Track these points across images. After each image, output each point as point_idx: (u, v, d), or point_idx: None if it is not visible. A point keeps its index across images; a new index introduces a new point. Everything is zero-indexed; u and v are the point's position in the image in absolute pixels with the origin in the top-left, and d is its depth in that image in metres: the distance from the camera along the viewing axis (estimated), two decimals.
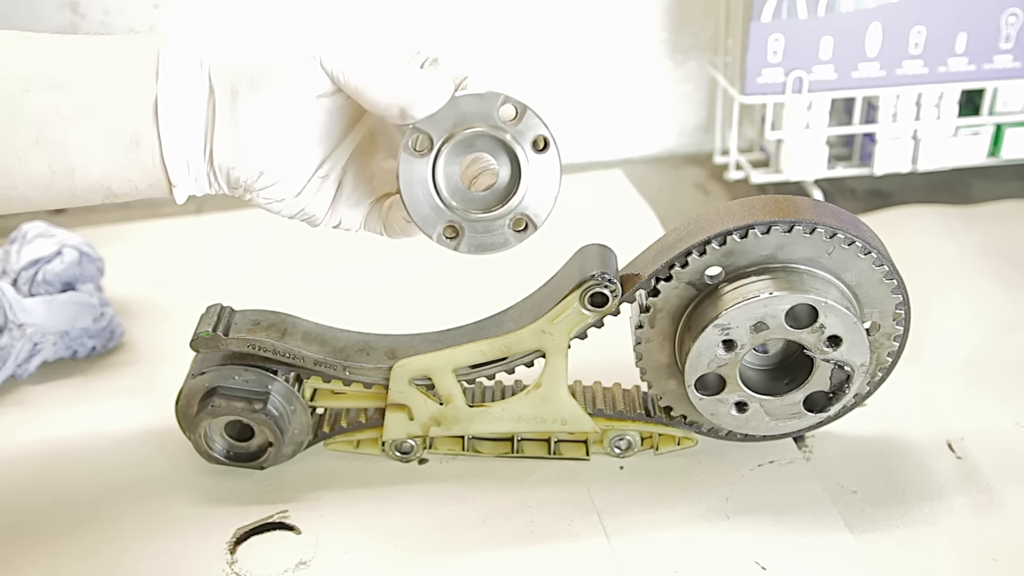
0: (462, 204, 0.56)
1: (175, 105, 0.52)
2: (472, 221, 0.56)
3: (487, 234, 0.57)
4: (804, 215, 0.61)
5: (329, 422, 0.72)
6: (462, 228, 0.57)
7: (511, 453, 0.71)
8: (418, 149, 0.55)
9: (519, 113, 0.54)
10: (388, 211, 0.60)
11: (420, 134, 0.54)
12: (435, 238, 0.57)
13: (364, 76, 0.52)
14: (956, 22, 1.00)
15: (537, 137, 0.55)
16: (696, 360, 0.62)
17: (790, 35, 0.99)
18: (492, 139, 0.55)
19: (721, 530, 0.64)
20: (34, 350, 0.80)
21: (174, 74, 0.52)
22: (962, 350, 0.81)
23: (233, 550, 0.64)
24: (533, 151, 0.55)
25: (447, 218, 0.56)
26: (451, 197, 0.56)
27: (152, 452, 0.72)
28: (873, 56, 1.01)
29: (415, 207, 0.56)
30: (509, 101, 0.54)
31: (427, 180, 0.55)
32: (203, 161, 0.54)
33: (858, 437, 0.72)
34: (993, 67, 1.02)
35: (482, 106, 0.54)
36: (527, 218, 0.57)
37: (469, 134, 0.55)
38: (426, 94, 0.53)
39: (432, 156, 0.55)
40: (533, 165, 0.55)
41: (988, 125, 1.07)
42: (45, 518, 0.67)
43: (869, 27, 0.99)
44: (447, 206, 0.56)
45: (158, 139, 0.53)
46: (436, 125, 0.54)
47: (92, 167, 0.53)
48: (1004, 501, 0.66)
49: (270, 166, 0.55)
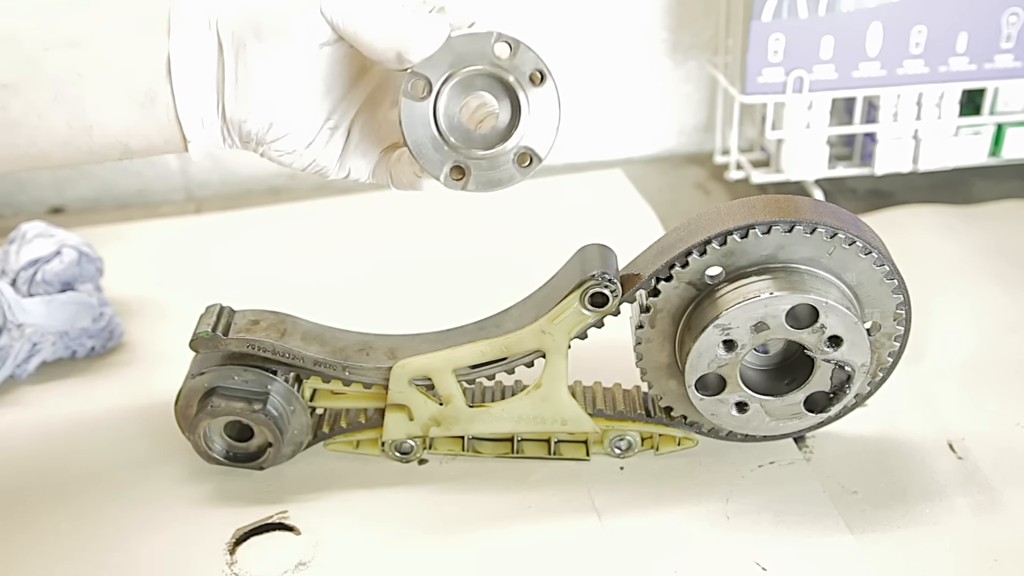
0: (465, 143, 0.57)
1: (187, 61, 0.54)
2: (477, 159, 0.57)
3: (493, 171, 0.57)
4: (805, 215, 0.61)
5: (329, 422, 0.72)
6: (468, 167, 0.57)
7: (511, 453, 0.71)
8: (417, 93, 0.55)
9: (514, 49, 0.55)
10: (396, 163, 0.61)
11: (418, 78, 0.55)
12: (442, 179, 0.57)
13: (360, 21, 0.53)
14: (957, 21, 0.99)
15: (533, 72, 0.56)
16: (696, 360, 0.62)
17: (791, 34, 0.99)
18: (490, 77, 0.56)
19: (721, 530, 0.64)
20: (33, 350, 0.80)
21: (184, 30, 0.53)
22: (963, 350, 0.81)
23: (232, 551, 0.64)
24: (531, 85, 0.56)
25: (452, 158, 0.57)
26: (454, 137, 0.56)
27: (151, 452, 0.72)
28: (874, 56, 1.01)
29: (420, 150, 0.56)
30: (502, 38, 0.55)
31: (429, 122, 0.56)
32: (216, 116, 0.56)
33: (859, 437, 0.72)
34: (994, 67, 1.02)
35: (477, 45, 0.55)
36: (531, 152, 0.57)
37: (466, 73, 0.55)
38: (420, 37, 0.54)
39: (432, 98, 0.55)
40: (532, 99, 0.56)
41: (989, 125, 1.07)
42: (44, 518, 0.67)
43: (870, 26, 0.99)
44: (451, 147, 0.56)
45: (172, 95, 0.54)
46: (433, 68, 0.55)
47: (109, 123, 0.54)
48: (1005, 501, 0.66)
49: (279, 118, 0.56)
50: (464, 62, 0.55)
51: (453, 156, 0.57)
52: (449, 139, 0.56)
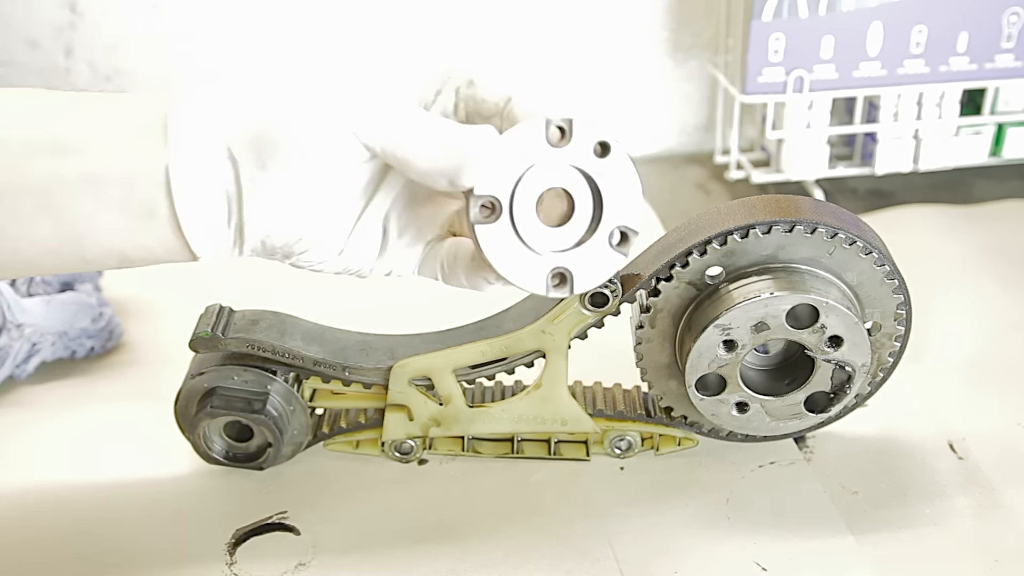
0: (555, 246, 0.53)
1: (189, 174, 0.49)
2: (573, 258, 0.53)
3: (594, 263, 0.53)
4: (805, 215, 0.61)
5: (328, 422, 0.71)
6: (567, 271, 0.53)
7: (511, 454, 0.71)
8: (487, 215, 0.51)
9: (567, 130, 0.51)
10: (451, 260, 0.56)
11: (483, 199, 0.51)
12: (548, 293, 0.53)
13: (404, 147, 0.49)
14: (957, 21, 0.99)
15: (596, 145, 0.51)
16: (697, 360, 0.62)
17: (791, 34, 0.99)
18: (554, 167, 0.51)
19: (722, 531, 0.64)
20: (32, 350, 0.80)
21: (186, 141, 0.49)
22: (964, 350, 0.80)
23: (232, 551, 0.64)
24: (597, 158, 0.51)
25: (548, 267, 0.53)
26: (542, 245, 0.52)
27: (150, 453, 0.72)
28: (874, 55, 1.01)
29: (513, 273, 0.52)
30: (553, 124, 0.50)
31: (512, 241, 0.52)
32: (228, 229, 0.51)
33: (859, 438, 0.71)
34: (995, 66, 1.01)
35: (530, 141, 0.51)
36: (625, 229, 0.53)
37: (532, 178, 0.51)
38: (470, 156, 0.49)
39: (507, 214, 0.51)
40: (604, 173, 0.52)
41: (990, 125, 1.07)
42: (42, 519, 0.67)
43: (870, 26, 0.99)
44: (542, 255, 0.52)
45: (172, 209, 0.49)
46: (494, 182, 0.51)
47: (101, 235, 0.50)
48: (1006, 502, 0.65)
49: (308, 231, 0.52)
50: (525, 163, 0.51)
51: (549, 264, 0.53)
52: (538, 250, 0.52)
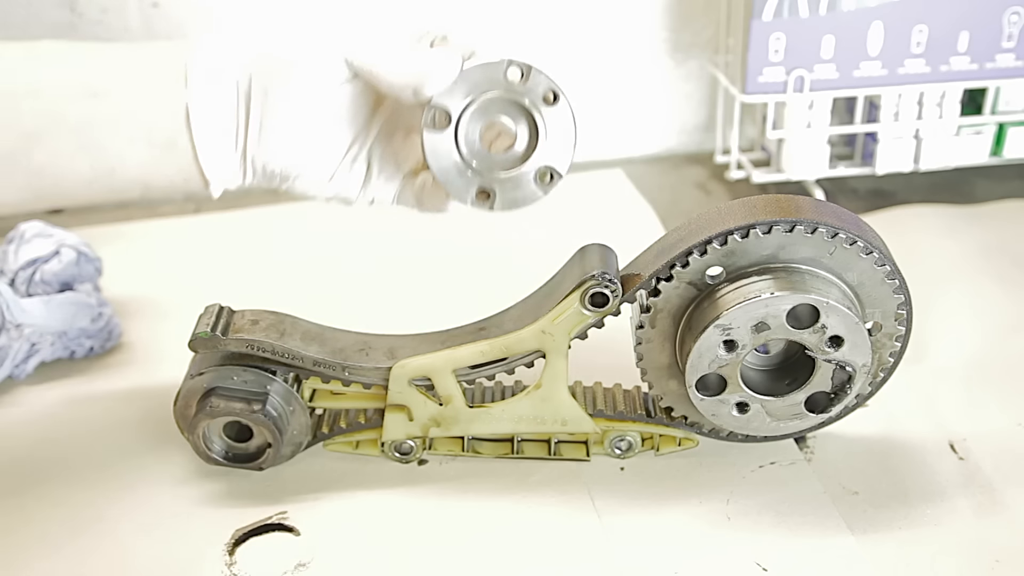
0: (488, 167, 0.60)
1: (205, 110, 0.57)
2: (500, 181, 0.61)
3: (516, 190, 0.61)
4: (806, 215, 0.61)
5: (328, 423, 0.71)
6: (492, 189, 0.61)
7: (511, 454, 0.70)
8: (438, 124, 0.59)
9: (525, 73, 0.58)
10: (420, 188, 0.64)
11: (437, 110, 0.58)
12: (469, 203, 0.61)
13: (378, 61, 0.57)
14: (958, 21, 0.99)
15: (547, 92, 0.59)
16: (697, 360, 0.62)
17: (791, 34, 0.99)
18: (505, 102, 0.59)
19: (722, 531, 0.64)
20: (32, 350, 0.80)
21: (201, 80, 0.57)
22: (964, 350, 0.80)
23: (232, 551, 0.64)
24: (545, 105, 0.59)
25: (477, 182, 0.60)
26: (477, 162, 0.60)
27: (150, 453, 0.72)
28: (875, 55, 1.00)
29: (445, 177, 0.60)
30: (514, 64, 0.58)
31: (452, 151, 0.59)
32: (236, 157, 0.59)
33: (860, 438, 0.71)
34: (995, 66, 1.01)
35: (490, 73, 0.58)
36: (551, 169, 0.61)
37: (483, 101, 0.59)
38: (435, 72, 0.57)
39: (452, 128, 0.59)
40: (548, 118, 0.60)
41: (990, 124, 1.06)
42: (42, 519, 0.67)
43: (871, 26, 0.99)
44: (474, 171, 0.60)
45: (191, 141, 0.57)
46: (451, 98, 0.58)
47: (130, 167, 0.58)
48: (1006, 502, 0.65)
49: (302, 156, 0.59)
50: (480, 90, 0.59)
51: (478, 180, 0.61)
52: (472, 164, 0.60)
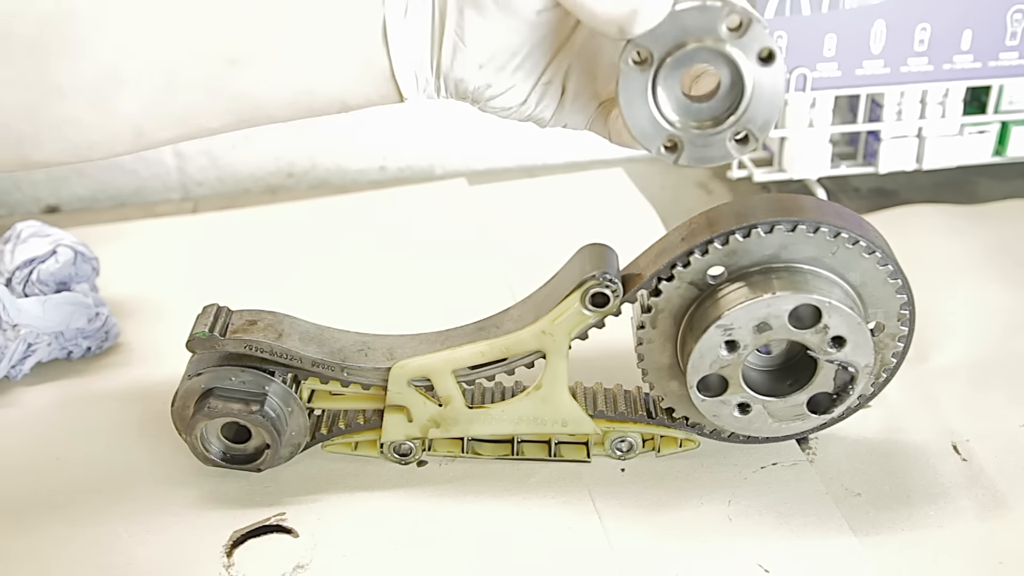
0: (683, 118, 0.55)
1: (402, 27, 0.56)
2: (693, 134, 0.55)
3: (707, 148, 0.56)
4: (808, 214, 0.61)
5: (327, 424, 0.71)
6: (682, 142, 0.55)
7: (511, 455, 0.70)
8: (638, 63, 0.53)
9: (744, 24, 0.52)
10: (614, 121, 0.61)
11: (639, 48, 0.53)
12: (655, 152, 0.56)
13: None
14: (961, 19, 0.99)
15: (762, 49, 0.52)
16: (698, 361, 0.62)
17: (793, 32, 0.99)
18: (715, 52, 0.53)
19: (724, 533, 0.64)
20: (28, 351, 0.80)
21: None
22: (967, 351, 0.80)
23: (230, 553, 0.64)
24: (758, 63, 0.53)
25: (667, 133, 0.55)
26: (672, 111, 0.55)
27: (148, 454, 0.72)
28: (877, 53, 1.00)
29: (635, 122, 0.55)
30: (735, 11, 0.51)
31: (647, 95, 0.54)
32: (431, 75, 0.58)
33: (862, 439, 0.71)
34: (999, 64, 1.01)
35: (705, 19, 0.52)
36: (749, 131, 0.55)
37: (690, 50, 0.53)
38: (645, 9, 0.52)
39: (652, 70, 0.53)
40: (757, 77, 0.53)
41: (994, 123, 1.06)
42: (39, 520, 0.66)
43: (873, 24, 0.99)
44: (668, 121, 0.55)
45: (388, 59, 0.57)
46: (657, 40, 0.53)
47: (331, 87, 0.58)
48: (1010, 503, 0.65)
49: (496, 79, 0.57)
50: (689, 36, 0.52)
51: (669, 131, 0.55)
52: (667, 112, 0.55)
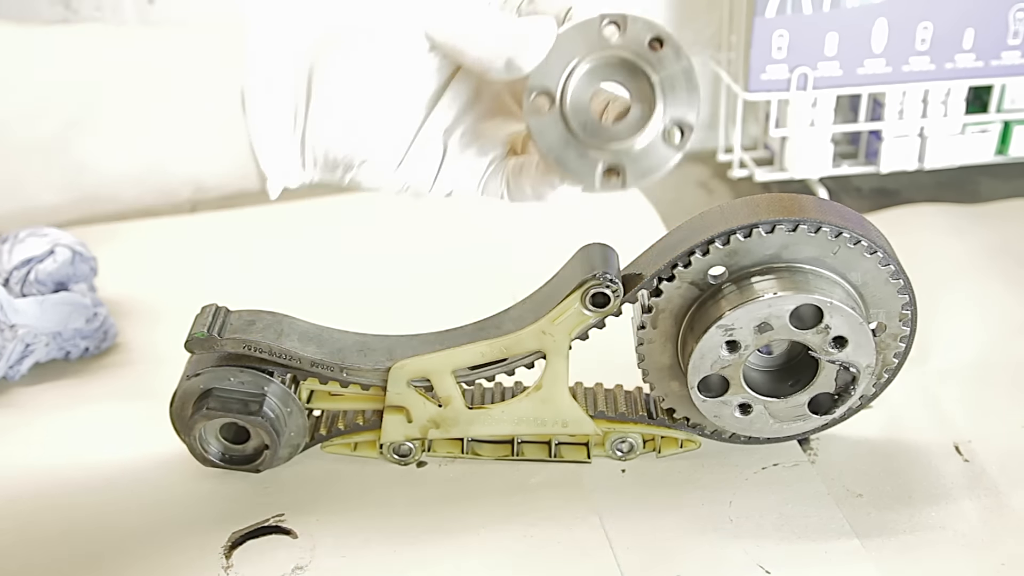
0: (608, 139, 0.53)
1: (262, 89, 0.51)
2: (627, 152, 0.53)
3: (647, 158, 0.53)
4: (809, 214, 0.60)
5: (326, 424, 0.71)
6: (620, 164, 0.53)
7: (511, 456, 0.70)
8: (542, 106, 0.52)
9: (622, 25, 0.51)
10: (516, 173, 0.56)
11: (537, 90, 0.52)
12: (598, 187, 0.53)
13: (460, 33, 0.50)
14: (963, 18, 0.99)
15: (651, 40, 0.51)
16: (699, 361, 0.61)
17: (795, 31, 0.98)
18: (609, 63, 0.52)
19: (725, 534, 0.64)
20: (26, 351, 0.79)
21: (259, 57, 0.51)
22: (969, 351, 0.80)
23: (229, 554, 0.63)
24: (652, 54, 0.51)
25: (600, 160, 0.53)
26: (594, 137, 0.53)
27: (146, 455, 0.71)
28: (879, 52, 1.00)
29: (564, 163, 0.53)
30: (608, 18, 0.51)
31: (563, 131, 0.52)
32: (295, 144, 0.53)
33: (864, 439, 0.71)
34: (1001, 63, 1.01)
35: (586, 35, 0.51)
36: (679, 122, 0.52)
37: (588, 70, 0.52)
38: (528, 42, 0.50)
39: (559, 106, 0.52)
40: (659, 67, 0.51)
41: (996, 122, 1.06)
42: (37, 521, 0.66)
43: (875, 23, 0.98)
44: (595, 148, 0.53)
45: (247, 130, 0.51)
46: (550, 74, 0.51)
47: (182, 161, 0.52)
48: (1012, 504, 0.65)
49: (367, 138, 0.53)
50: (578, 56, 0.51)
51: (601, 157, 0.53)
52: (589, 141, 0.53)
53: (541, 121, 0.52)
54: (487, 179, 0.57)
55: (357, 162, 0.53)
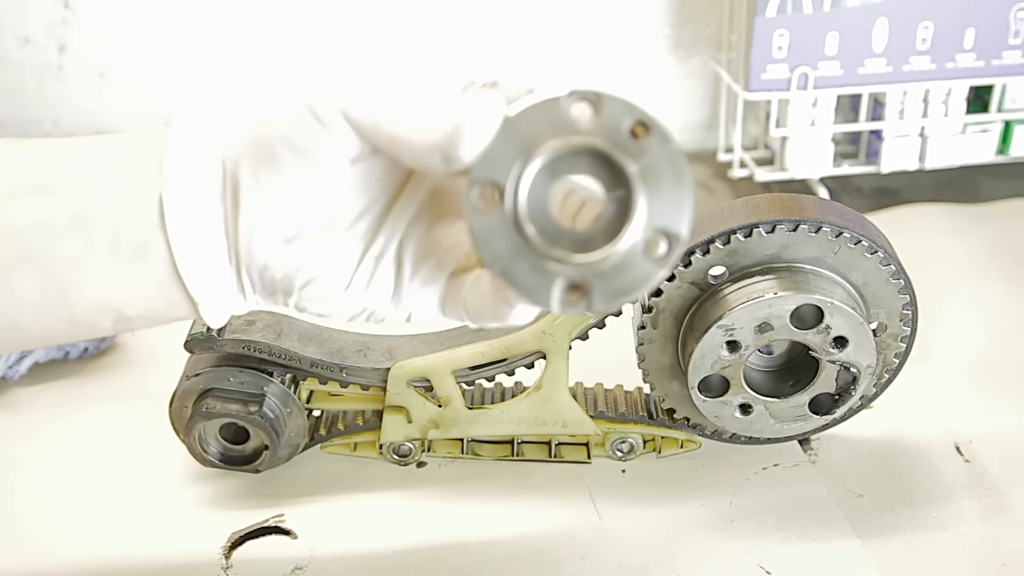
0: (571, 248, 0.41)
1: (184, 201, 0.44)
2: (595, 267, 0.41)
3: (620, 274, 0.41)
4: (809, 214, 0.60)
5: (326, 425, 0.71)
6: (585, 281, 0.41)
7: (511, 456, 0.70)
8: (486, 203, 0.41)
9: (596, 105, 0.40)
10: (472, 289, 0.46)
11: (482, 184, 0.40)
12: (556, 306, 0.41)
13: (395, 118, 0.42)
14: (964, 17, 0.98)
15: (634, 125, 0.40)
16: (699, 361, 0.61)
17: (795, 30, 0.98)
18: (577, 152, 0.40)
19: (725, 534, 0.63)
20: (25, 351, 0.79)
21: (181, 164, 0.44)
22: (970, 351, 0.80)
23: (228, 555, 0.63)
24: (633, 142, 0.40)
25: (560, 275, 0.41)
26: (553, 245, 0.41)
27: (145, 455, 0.71)
28: (880, 52, 1.00)
29: (511, 277, 0.41)
30: (575, 95, 0.40)
31: (513, 237, 0.41)
32: (229, 266, 0.45)
33: (864, 440, 0.71)
34: (1002, 63, 1.01)
35: (546, 116, 0.40)
36: (665, 232, 0.41)
37: (543, 160, 0.40)
38: (468, 124, 0.40)
39: (510, 205, 0.40)
40: (642, 162, 0.40)
41: (997, 122, 1.06)
42: (36, 521, 0.66)
43: (876, 22, 0.98)
44: (553, 260, 0.41)
45: (167, 245, 0.44)
46: (498, 163, 0.40)
47: (90, 285, 0.45)
48: (1013, 505, 0.65)
49: (309, 257, 0.45)
50: (536, 144, 0.40)
51: (560, 272, 0.41)
52: (548, 251, 0.41)
53: (485, 222, 0.41)
54: (446, 298, 0.48)
55: (299, 284, 0.46)
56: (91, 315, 0.46)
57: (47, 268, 0.44)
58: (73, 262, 0.44)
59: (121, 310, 0.46)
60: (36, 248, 0.44)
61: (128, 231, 0.44)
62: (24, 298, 0.45)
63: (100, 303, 0.45)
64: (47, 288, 0.44)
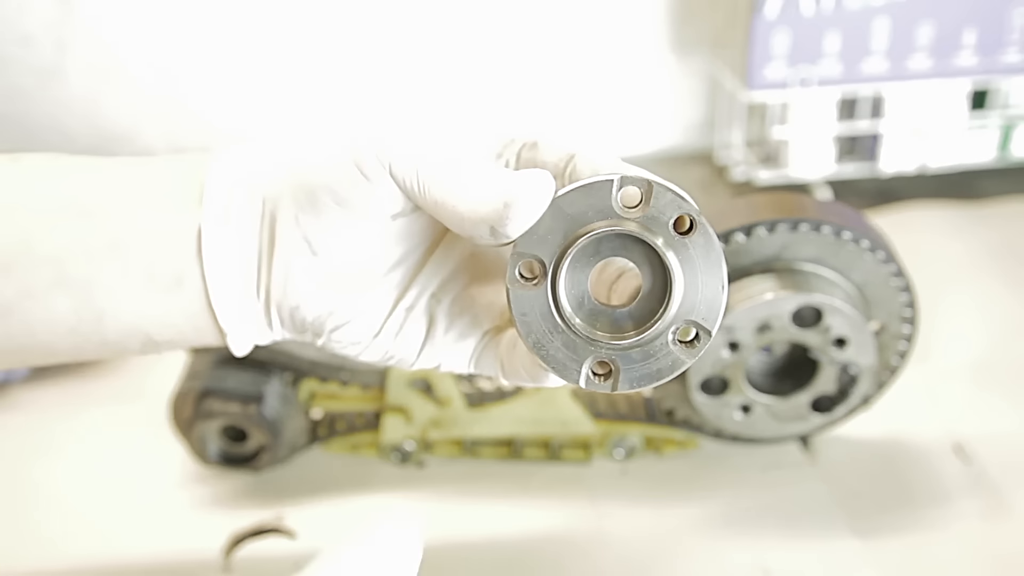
0: (605, 329, 0.43)
1: (222, 236, 0.44)
2: (625, 349, 0.43)
3: (649, 360, 0.43)
4: (809, 213, 0.60)
5: (326, 425, 0.71)
6: (614, 362, 0.43)
7: (511, 456, 0.70)
8: (527, 277, 0.42)
9: (644, 194, 0.42)
10: (508, 351, 0.47)
11: (524, 260, 0.42)
12: (583, 383, 0.43)
13: (443, 185, 0.42)
14: (964, 17, 0.98)
15: (680, 217, 0.42)
16: (700, 362, 0.61)
17: (795, 30, 0.98)
18: (620, 238, 0.42)
19: (725, 534, 0.63)
20: None
21: (221, 198, 0.44)
22: (970, 351, 0.80)
23: (228, 555, 0.63)
24: (675, 236, 0.42)
25: (590, 354, 0.43)
26: (588, 325, 0.43)
27: (145, 455, 0.71)
28: (880, 52, 1.00)
29: (545, 352, 0.43)
30: (627, 182, 0.41)
31: (551, 313, 0.42)
32: (258, 301, 0.46)
33: (865, 440, 0.71)
34: (1003, 63, 1.01)
35: (594, 200, 0.41)
36: (695, 325, 0.42)
37: (586, 242, 0.41)
38: (519, 201, 0.40)
39: (548, 281, 0.42)
40: (681, 254, 0.42)
41: (997, 122, 1.06)
42: (36, 521, 0.66)
43: (876, 22, 0.98)
44: (585, 339, 0.43)
45: (202, 277, 0.45)
46: (543, 241, 0.42)
47: (124, 311, 0.45)
48: (1013, 505, 0.65)
49: (341, 303, 0.45)
50: (581, 224, 0.41)
51: (591, 351, 0.43)
52: (581, 328, 0.42)
53: (524, 295, 0.42)
54: (479, 354, 0.48)
55: (329, 328, 0.46)
56: (122, 339, 0.46)
57: (84, 293, 0.45)
58: (108, 289, 0.45)
59: (151, 335, 0.46)
60: (75, 273, 0.45)
61: (165, 260, 0.45)
62: (59, 320, 0.45)
63: (132, 328, 0.46)
64: (82, 313, 0.45)
